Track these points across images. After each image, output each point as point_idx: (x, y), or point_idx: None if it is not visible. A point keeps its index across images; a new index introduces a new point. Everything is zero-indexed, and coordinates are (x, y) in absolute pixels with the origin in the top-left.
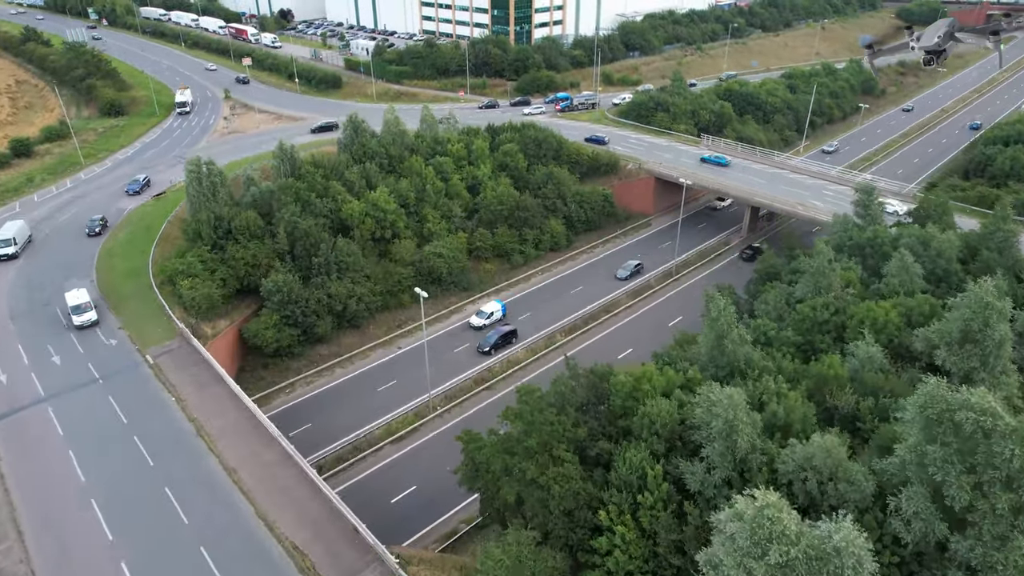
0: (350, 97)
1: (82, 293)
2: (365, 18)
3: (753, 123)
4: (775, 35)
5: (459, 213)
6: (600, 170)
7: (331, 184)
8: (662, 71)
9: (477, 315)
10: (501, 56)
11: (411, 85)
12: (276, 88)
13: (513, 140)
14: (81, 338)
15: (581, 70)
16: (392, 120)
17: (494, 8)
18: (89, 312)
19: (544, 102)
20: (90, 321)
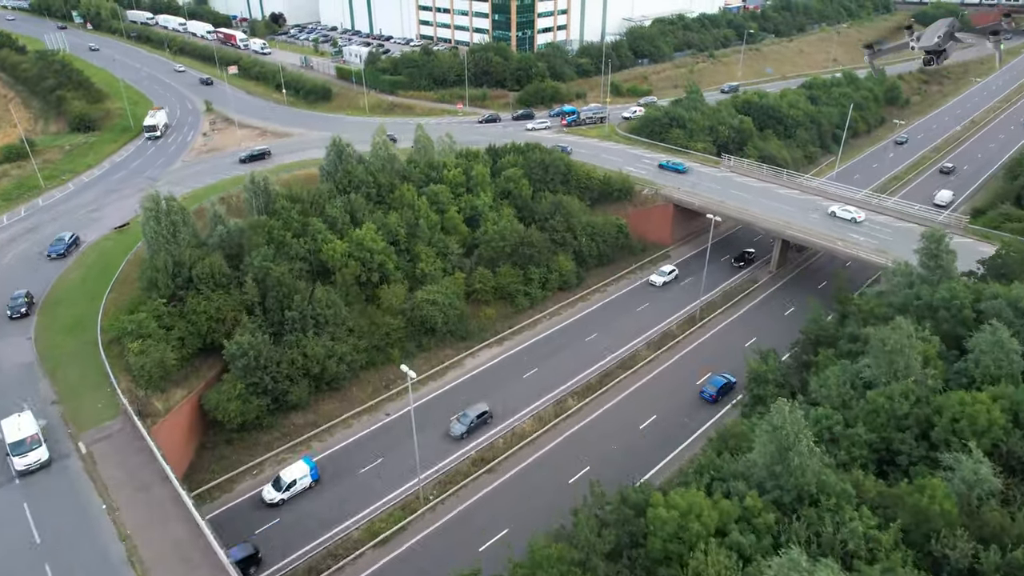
0: (341, 109)
1: (25, 420)
2: (360, 22)
3: (775, 139)
4: (789, 40)
5: (456, 250)
6: (612, 196)
7: (310, 221)
8: (673, 80)
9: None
10: (502, 65)
11: (406, 96)
12: (262, 99)
13: (517, 164)
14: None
15: (588, 79)
16: (381, 144)
17: (495, 13)
18: (36, 450)
19: (549, 115)
20: (38, 463)
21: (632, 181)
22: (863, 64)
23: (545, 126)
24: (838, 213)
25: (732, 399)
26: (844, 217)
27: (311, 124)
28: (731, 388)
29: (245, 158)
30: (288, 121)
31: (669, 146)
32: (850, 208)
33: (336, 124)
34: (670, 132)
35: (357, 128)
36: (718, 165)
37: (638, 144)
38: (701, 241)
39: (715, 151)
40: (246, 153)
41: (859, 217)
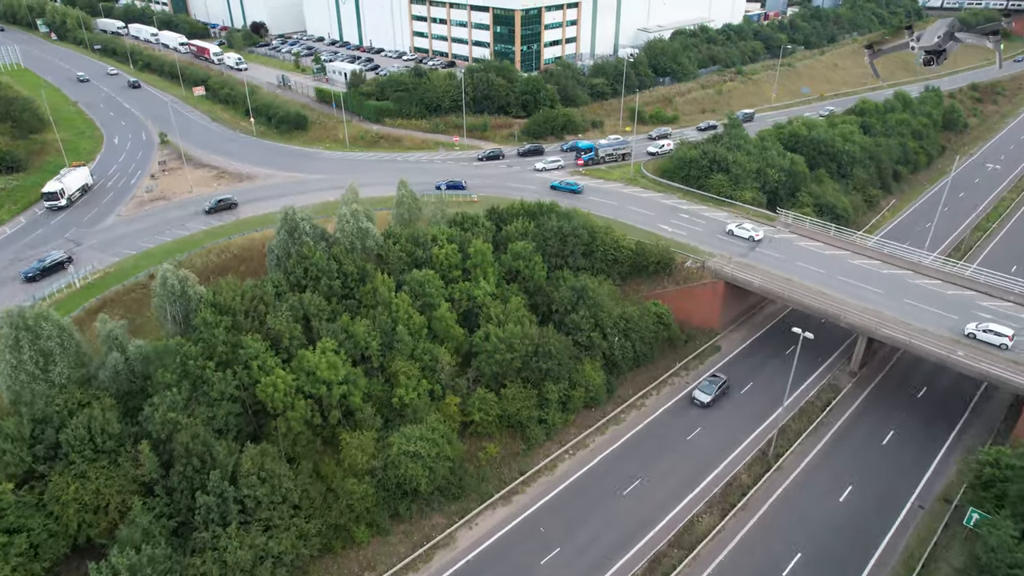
0: (317, 141)
1: None
2: (349, 33)
3: (829, 180)
4: (821, 54)
5: (448, 364)
6: (648, 269)
7: (244, 342)
8: (700, 102)
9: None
10: (506, 88)
11: (394, 125)
12: (229, 127)
13: (527, 233)
14: None
15: (603, 103)
16: (349, 217)
17: (497, 25)
18: None
19: (561, 149)
20: None
21: (672, 251)
22: (905, 78)
23: (557, 165)
24: (735, 231)
25: None
26: (742, 236)
27: (280, 162)
28: None
29: (211, 208)
30: (254, 158)
31: (709, 195)
32: (747, 225)
33: (310, 162)
34: (710, 177)
35: (334, 167)
36: (773, 222)
37: (671, 191)
38: (756, 322)
39: (764, 202)
40: (211, 203)
41: (757, 235)
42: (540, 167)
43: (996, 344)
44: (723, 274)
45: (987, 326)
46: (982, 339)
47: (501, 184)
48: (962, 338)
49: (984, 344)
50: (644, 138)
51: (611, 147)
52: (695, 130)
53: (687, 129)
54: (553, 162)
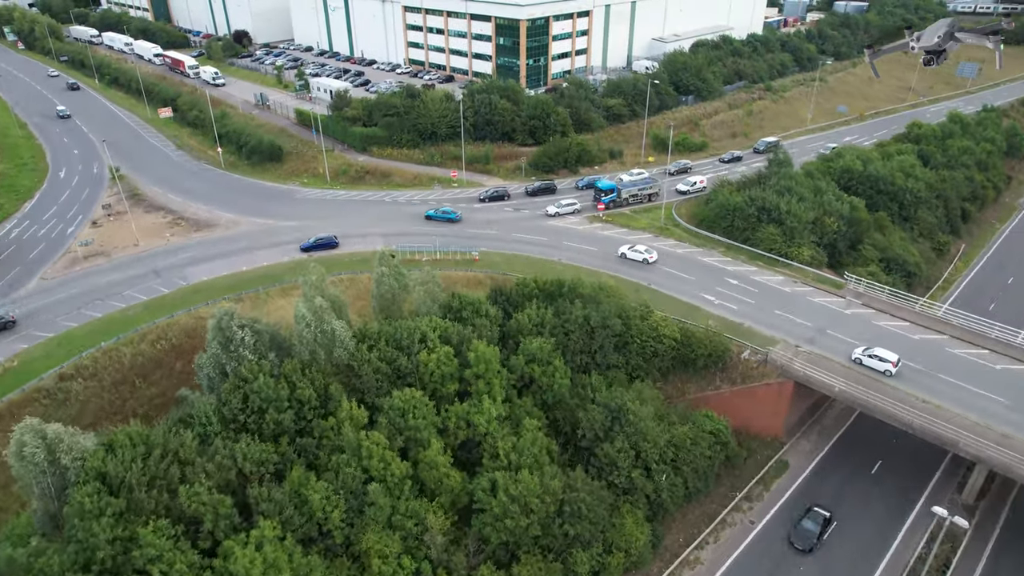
0: (294, 176)
1: None
2: (339, 43)
3: (892, 226)
4: (852, 65)
5: (439, 531)
6: (695, 364)
7: (143, 538)
8: (729, 125)
9: None
10: (511, 112)
11: (383, 156)
12: (194, 158)
13: (543, 324)
14: None
15: (620, 127)
16: (310, 318)
17: (499, 36)
18: None
19: (576, 187)
20: None
21: (725, 339)
22: (944, 92)
23: (572, 209)
24: (628, 255)
25: None
26: (635, 259)
27: (248, 203)
28: None
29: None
30: (218, 197)
31: (758, 252)
32: (640, 248)
33: (283, 203)
34: (760, 230)
35: (310, 210)
36: (840, 291)
37: (711, 244)
38: (825, 425)
39: (824, 261)
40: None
41: (651, 258)
42: (552, 211)
43: (640, 260)
44: (792, 372)
45: (633, 247)
46: (631, 257)
47: (507, 235)
48: None
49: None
50: (663, 171)
51: (635, 186)
52: (718, 161)
53: (707, 161)
54: (567, 205)
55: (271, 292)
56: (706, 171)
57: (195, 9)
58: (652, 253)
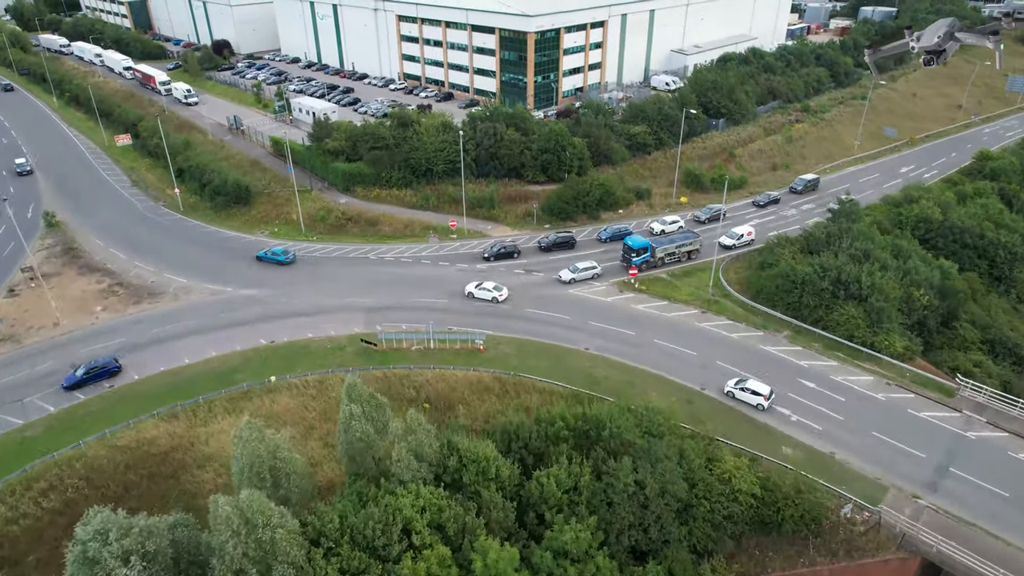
0: (262, 223)
1: None
2: (328, 54)
3: (985, 289)
4: (892, 79)
5: None
6: (781, 527)
7: None
8: (768, 155)
9: None
10: (519, 143)
11: (369, 198)
12: (150, 197)
13: (579, 492)
14: None
15: (644, 159)
16: (238, 523)
17: (504, 50)
18: None
19: (599, 239)
20: None
21: (820, 494)
22: (1003, 108)
23: (592, 273)
24: (476, 294)
25: None
26: (484, 298)
27: (206, 262)
28: None
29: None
30: (170, 253)
31: (836, 339)
32: (487, 286)
33: (245, 264)
34: (837, 309)
35: (277, 275)
36: (951, 400)
37: (775, 326)
38: None
39: (920, 346)
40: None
41: (501, 296)
42: (567, 278)
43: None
44: (918, 545)
45: (480, 285)
46: (479, 296)
47: (518, 309)
48: None
49: None
50: (693, 218)
51: (672, 243)
52: (752, 205)
53: (742, 203)
54: (585, 270)
55: (216, 403)
56: (740, 214)
57: (176, 17)
58: (502, 290)
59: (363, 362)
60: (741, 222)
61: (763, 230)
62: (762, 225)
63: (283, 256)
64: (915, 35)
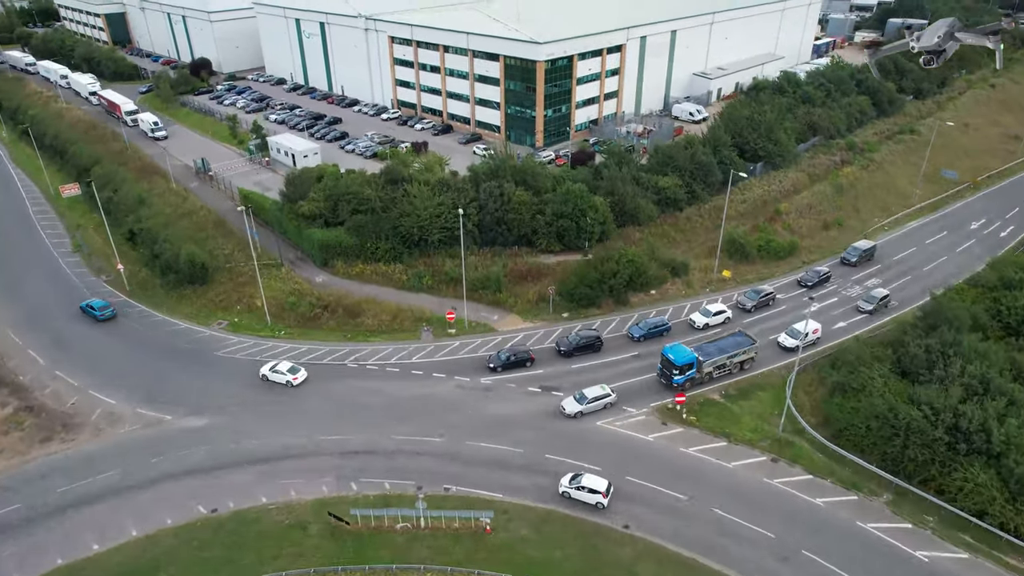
0: (221, 309)
1: None
2: (315, 75)
3: None
4: (938, 107)
5: None
6: None
7: None
8: (817, 208)
9: None
10: (531, 206)
11: (352, 275)
12: (91, 271)
13: None
14: None
15: (675, 217)
16: None
17: (509, 80)
18: None
19: (631, 335)
20: None
21: None
22: None
23: (606, 402)
24: (270, 377)
25: None
26: (278, 381)
27: (143, 371)
28: None
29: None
30: (101, 358)
31: (959, 512)
32: (281, 368)
33: (193, 368)
34: (958, 469)
35: (235, 384)
36: None
37: (869, 487)
38: None
39: None
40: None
41: (295, 380)
42: (575, 411)
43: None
44: None
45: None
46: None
47: (535, 458)
48: None
49: None
50: (737, 304)
51: (723, 353)
52: (797, 284)
53: (789, 279)
54: (598, 399)
55: None
56: (790, 296)
57: (156, 32)
58: (300, 372)
59: (330, 555)
60: (794, 308)
61: (824, 320)
62: (821, 313)
63: (99, 312)
64: (915, 35)
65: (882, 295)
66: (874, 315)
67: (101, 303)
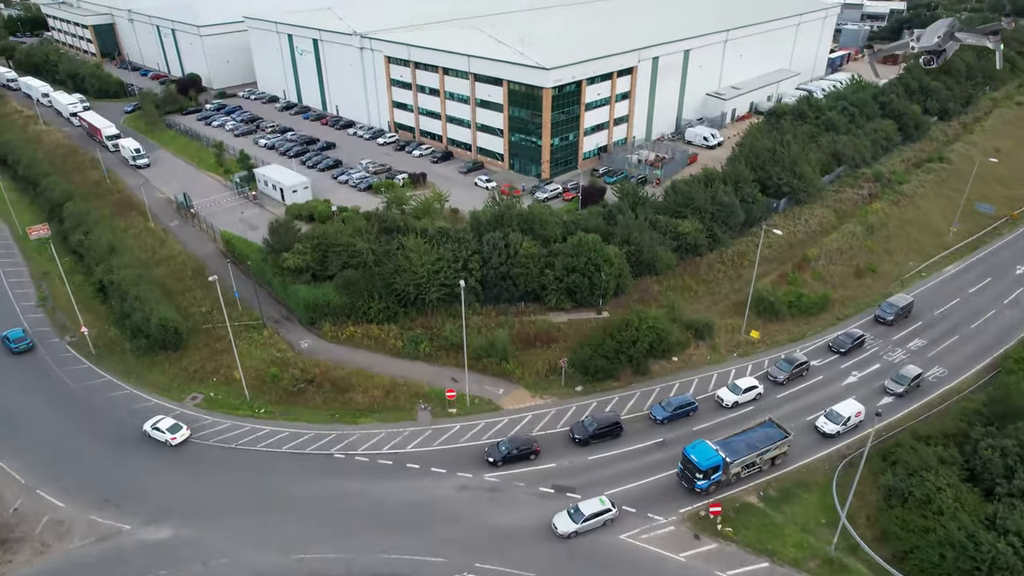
0: (195, 380)
1: None
2: (309, 94)
3: None
4: (967, 130)
5: None
6: None
7: None
8: (847, 253)
9: None
10: (539, 259)
11: (341, 339)
12: (55, 329)
13: None
14: None
15: (695, 264)
16: None
17: (513, 106)
18: None
19: (654, 417)
20: None
21: None
22: None
23: (607, 519)
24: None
25: None
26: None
27: (98, 465)
28: None
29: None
30: (53, 446)
31: None
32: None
33: (156, 461)
34: None
35: (206, 486)
36: None
37: None
38: None
39: None
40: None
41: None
42: (569, 530)
43: None
44: None
45: None
46: None
47: None
48: None
49: None
50: (768, 376)
51: (753, 450)
52: (829, 351)
53: (818, 342)
54: (597, 516)
55: None
56: (824, 363)
57: (145, 44)
58: (181, 431)
59: None
60: (831, 379)
61: (865, 396)
62: (862, 385)
63: (15, 344)
64: (915, 35)
65: (914, 374)
66: (905, 397)
67: (17, 334)
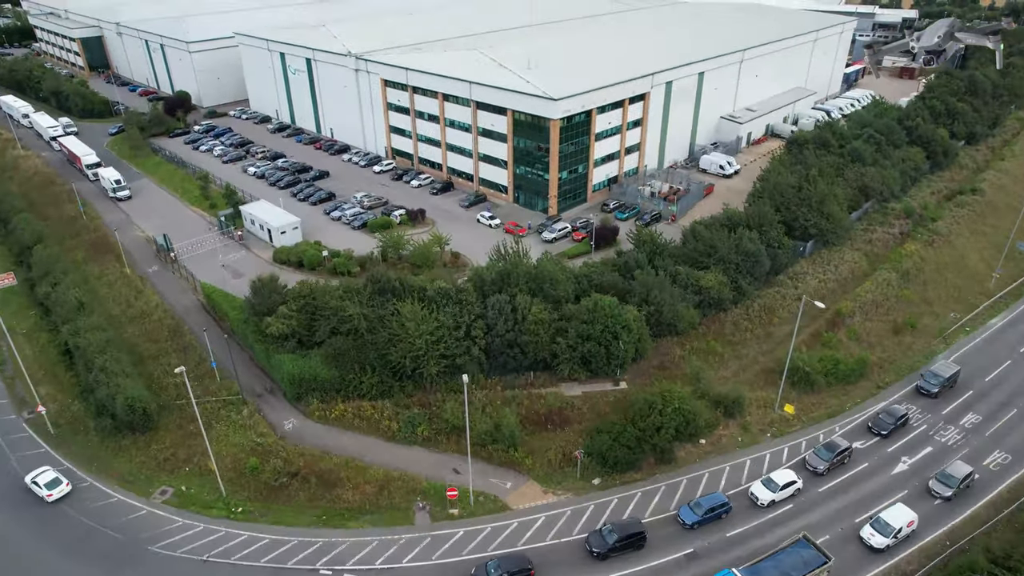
0: (164, 470)
1: None
2: (302, 116)
3: None
4: (997, 156)
5: None
6: None
7: None
8: (884, 307)
9: None
10: (548, 324)
11: (330, 419)
12: (13, 402)
13: None
14: None
15: (719, 320)
16: None
17: (518, 137)
18: None
19: (683, 521)
20: None
21: None
22: None
23: None
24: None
25: None
26: None
27: None
28: None
29: None
30: None
31: None
32: None
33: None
34: None
35: None
36: None
37: None
38: None
39: None
40: None
41: None
42: None
43: None
44: None
45: None
46: None
47: None
48: None
49: None
50: (808, 465)
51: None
52: (870, 432)
53: (856, 422)
54: None
55: None
56: (866, 446)
57: (134, 59)
58: (59, 487)
59: None
60: (878, 466)
61: (914, 485)
62: (915, 474)
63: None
64: (915, 35)
65: (964, 473)
66: (953, 501)
67: None
